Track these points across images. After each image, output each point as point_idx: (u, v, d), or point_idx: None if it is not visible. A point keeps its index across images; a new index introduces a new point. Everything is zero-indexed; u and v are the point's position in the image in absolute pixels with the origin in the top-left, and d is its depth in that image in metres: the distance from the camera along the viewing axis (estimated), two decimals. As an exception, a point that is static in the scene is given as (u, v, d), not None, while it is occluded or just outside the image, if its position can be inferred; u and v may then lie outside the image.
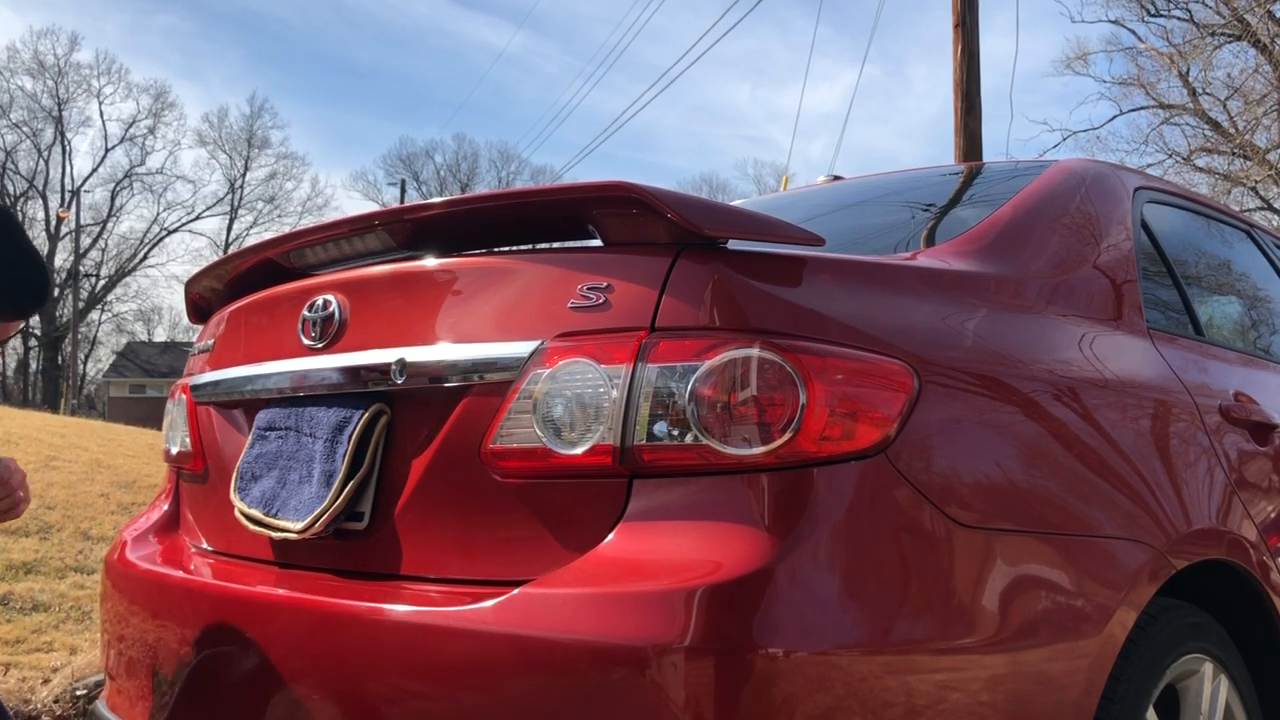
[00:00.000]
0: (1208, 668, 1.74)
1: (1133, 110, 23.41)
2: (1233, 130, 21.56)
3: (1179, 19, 22.50)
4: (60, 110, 45.07)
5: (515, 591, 1.29)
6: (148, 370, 49.29)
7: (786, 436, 1.26)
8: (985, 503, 1.40)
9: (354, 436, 1.51)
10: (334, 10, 78.61)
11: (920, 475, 1.33)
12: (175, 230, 48.16)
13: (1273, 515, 2.03)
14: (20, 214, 43.80)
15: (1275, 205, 21.46)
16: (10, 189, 43.85)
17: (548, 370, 1.35)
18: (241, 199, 49.37)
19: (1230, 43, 21.57)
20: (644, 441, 1.29)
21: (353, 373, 1.54)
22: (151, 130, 47.29)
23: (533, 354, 1.37)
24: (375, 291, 1.59)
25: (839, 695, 1.19)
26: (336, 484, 1.50)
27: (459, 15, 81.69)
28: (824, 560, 1.24)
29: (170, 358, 48.56)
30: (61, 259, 44.24)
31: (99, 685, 3.29)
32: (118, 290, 48.55)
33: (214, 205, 48.71)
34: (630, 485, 1.30)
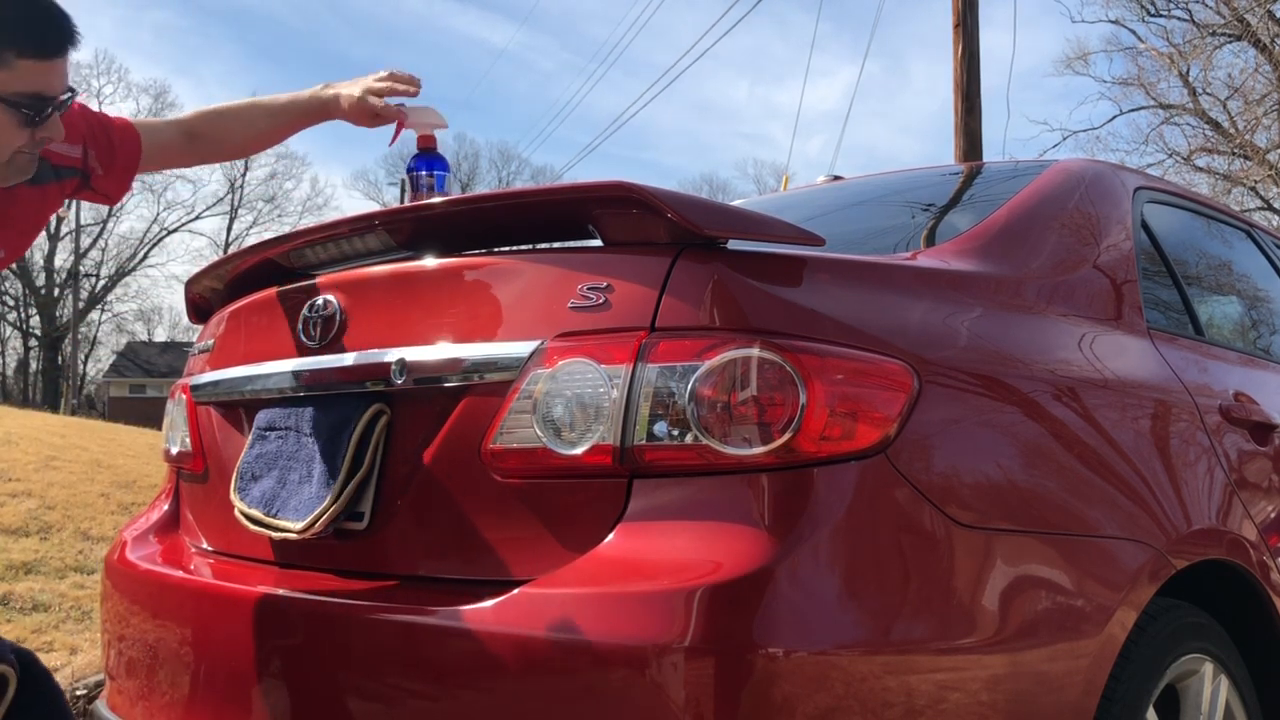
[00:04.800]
0: (1208, 668, 1.74)
1: (1133, 110, 23.44)
2: (1233, 130, 21.57)
3: (1179, 19, 22.53)
4: (60, 110, 44.93)
5: (516, 591, 1.29)
6: (148, 370, 49.27)
7: (786, 436, 1.26)
8: (985, 503, 1.40)
9: (354, 436, 1.51)
10: (328, 6, 78.66)
11: (920, 475, 1.33)
12: (175, 230, 48.07)
13: (1273, 515, 2.03)
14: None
15: (1275, 205, 21.47)
16: (11, 189, 43.72)
17: (548, 370, 1.35)
18: (241, 199, 49.32)
19: (1230, 43, 21.58)
20: (644, 441, 1.29)
21: (353, 373, 1.54)
22: (152, 130, 47.17)
23: (533, 354, 1.37)
24: (375, 292, 1.59)
25: (839, 695, 1.19)
26: (336, 484, 1.50)
27: (452, 10, 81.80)
28: (824, 560, 1.24)
29: (170, 358, 48.51)
30: (61, 259, 44.25)
31: (99, 685, 3.29)
32: (118, 290, 48.50)
33: (214, 205, 48.64)
34: (630, 485, 1.30)
